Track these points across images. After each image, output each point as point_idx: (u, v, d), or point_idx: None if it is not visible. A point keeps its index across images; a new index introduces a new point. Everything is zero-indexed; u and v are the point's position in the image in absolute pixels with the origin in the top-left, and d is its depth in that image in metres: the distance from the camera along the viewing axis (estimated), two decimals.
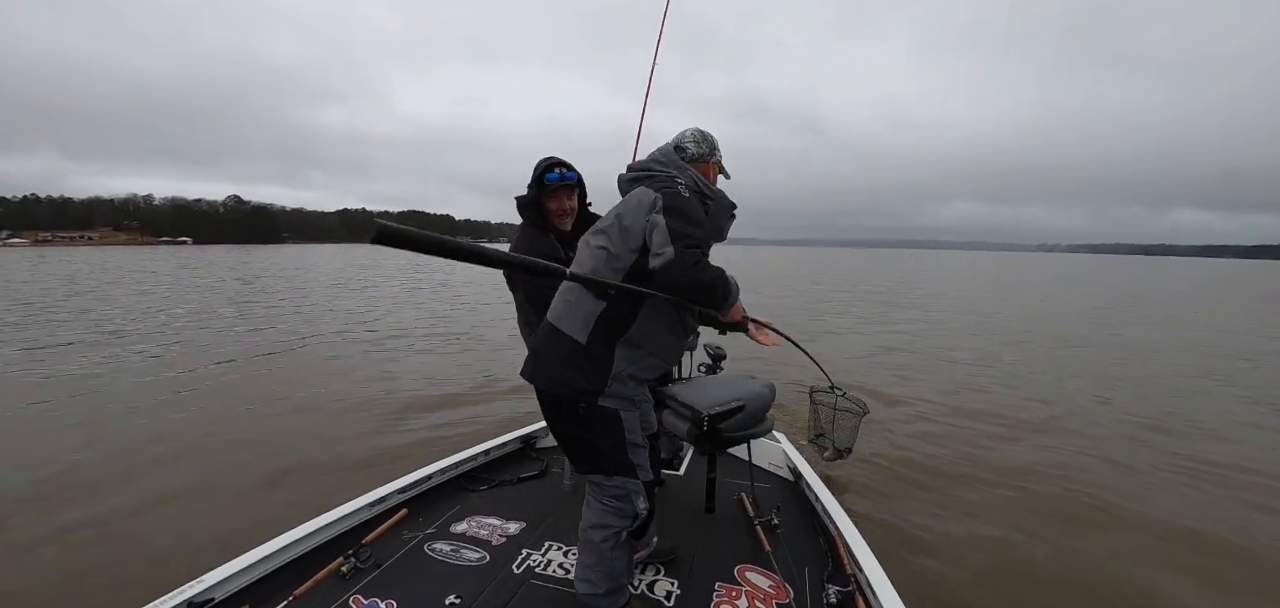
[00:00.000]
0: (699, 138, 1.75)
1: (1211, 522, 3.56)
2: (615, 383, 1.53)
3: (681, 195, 1.54)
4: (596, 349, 1.53)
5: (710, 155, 1.76)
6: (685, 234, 1.46)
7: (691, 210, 1.53)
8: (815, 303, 16.59)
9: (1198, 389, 7.01)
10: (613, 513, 1.61)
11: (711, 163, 1.76)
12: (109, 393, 6.03)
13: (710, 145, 1.76)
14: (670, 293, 1.48)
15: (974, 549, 3.18)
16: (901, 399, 6.17)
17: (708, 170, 1.75)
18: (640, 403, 1.63)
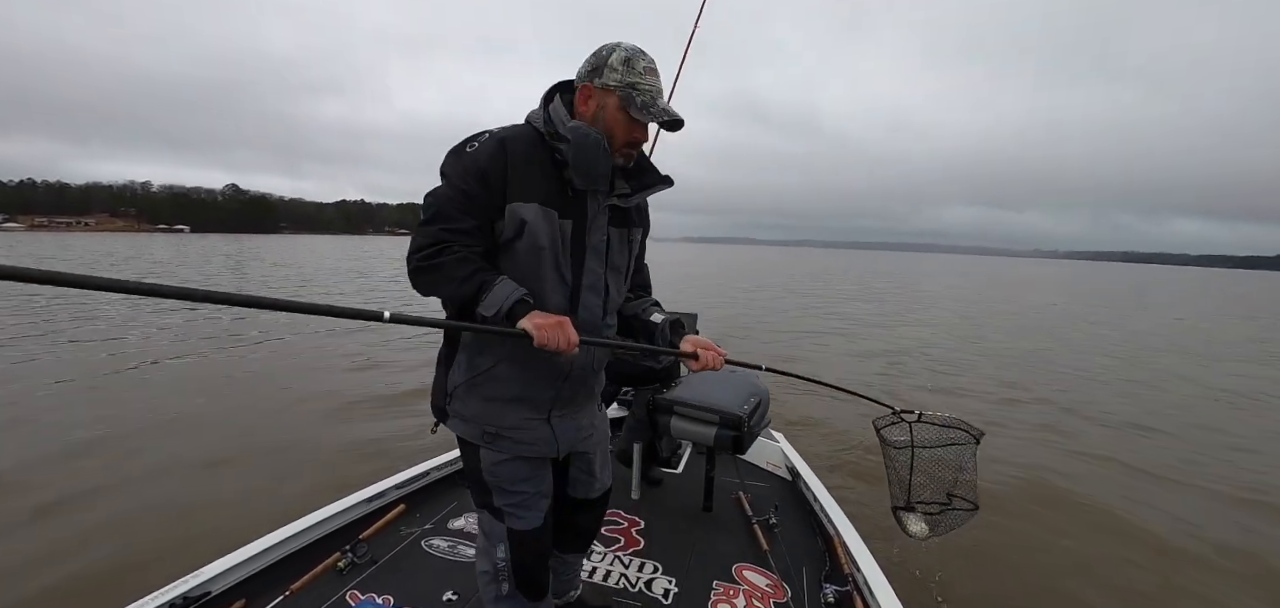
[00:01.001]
0: (586, 60, 1.22)
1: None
2: (455, 402, 1.27)
3: (455, 151, 1.18)
4: (442, 353, 1.31)
5: (589, 75, 1.19)
6: (426, 203, 1.17)
7: (447, 166, 1.17)
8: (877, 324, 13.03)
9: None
10: (482, 550, 1.40)
11: (590, 86, 1.19)
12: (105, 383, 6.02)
13: (593, 62, 1.19)
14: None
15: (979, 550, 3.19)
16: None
17: (584, 100, 1.20)
18: (508, 435, 1.26)
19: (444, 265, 1.11)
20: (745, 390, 2.29)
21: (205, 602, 1.65)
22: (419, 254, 1.13)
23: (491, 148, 1.16)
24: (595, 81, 1.19)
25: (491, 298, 1.10)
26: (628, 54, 1.19)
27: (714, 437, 2.17)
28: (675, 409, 2.27)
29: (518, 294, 1.11)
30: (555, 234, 1.19)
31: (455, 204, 1.14)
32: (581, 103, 1.21)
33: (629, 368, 2.41)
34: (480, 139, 1.18)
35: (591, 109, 1.20)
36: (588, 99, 1.20)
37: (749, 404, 2.21)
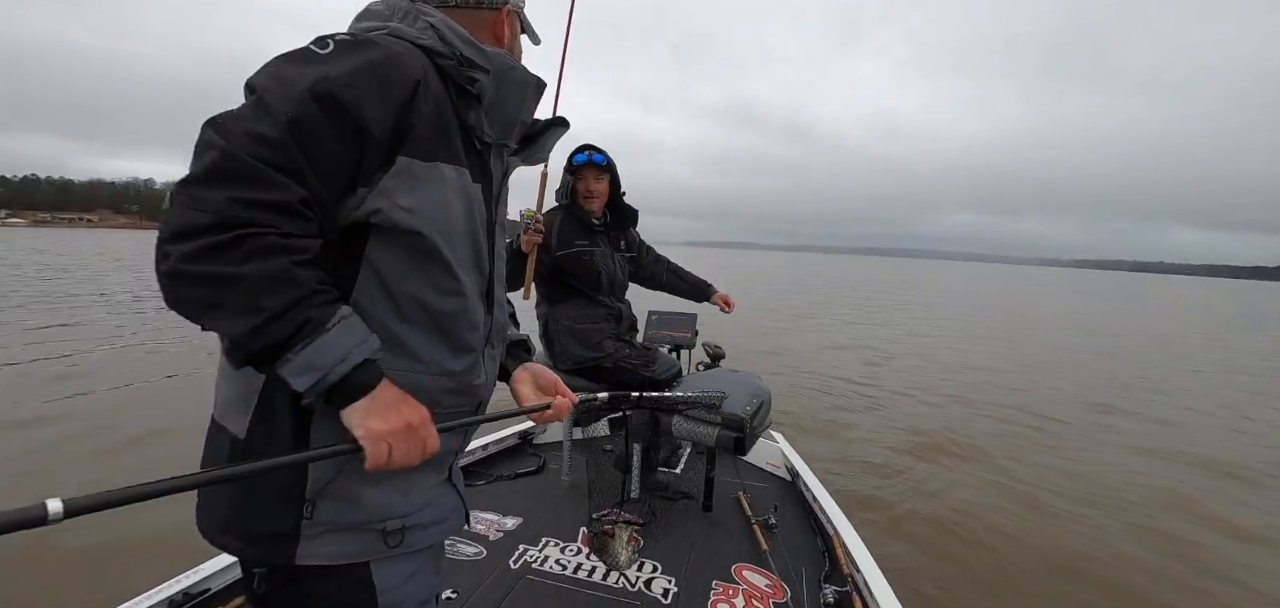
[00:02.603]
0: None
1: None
2: (325, 504, 0.75)
3: (296, 56, 0.71)
4: (253, 423, 0.75)
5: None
6: (205, 141, 0.65)
7: (276, 79, 0.68)
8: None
9: None
10: None
11: (510, 8, 0.92)
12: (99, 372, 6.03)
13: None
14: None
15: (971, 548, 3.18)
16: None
17: (498, 25, 0.91)
18: (417, 523, 0.82)
19: (244, 275, 0.61)
20: (748, 392, 2.28)
21: (204, 598, 1.65)
22: (189, 241, 0.61)
23: (376, 57, 0.72)
24: (515, 3, 0.92)
25: (316, 349, 0.65)
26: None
27: (716, 437, 2.16)
28: (677, 410, 2.26)
29: (364, 352, 0.69)
30: (472, 210, 0.83)
31: (279, 150, 0.65)
32: (493, 29, 0.90)
33: (631, 379, 2.39)
34: (346, 38, 0.74)
35: (506, 38, 0.92)
36: (502, 25, 0.91)
37: (752, 405, 2.20)
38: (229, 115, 0.66)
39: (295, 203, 0.66)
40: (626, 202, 2.50)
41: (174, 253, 0.61)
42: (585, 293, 2.35)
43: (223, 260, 0.61)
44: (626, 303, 2.56)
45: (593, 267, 2.33)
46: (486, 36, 0.88)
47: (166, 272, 0.62)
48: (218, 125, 0.65)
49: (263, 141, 0.64)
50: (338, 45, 0.72)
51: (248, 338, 0.63)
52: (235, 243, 0.61)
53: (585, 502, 2.40)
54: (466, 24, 0.86)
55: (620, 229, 2.52)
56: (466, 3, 0.88)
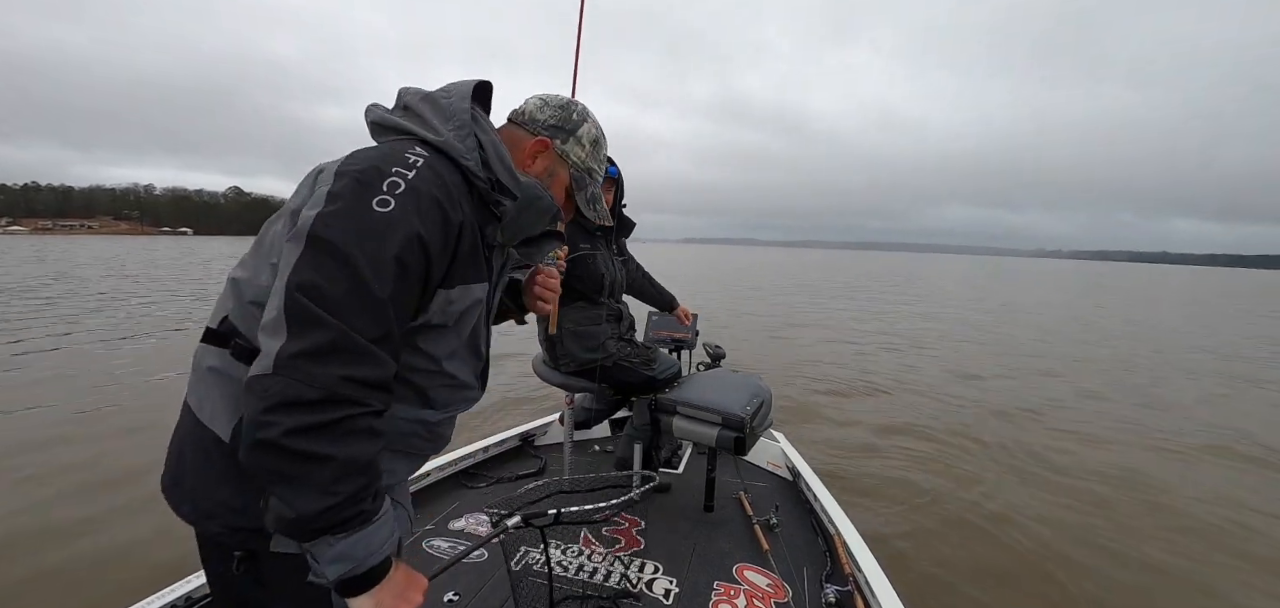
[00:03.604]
0: (547, 105, 1.00)
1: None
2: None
3: (360, 207, 0.73)
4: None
5: (554, 131, 0.97)
6: (310, 315, 0.67)
7: (351, 235, 0.71)
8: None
9: None
10: None
11: (549, 142, 0.97)
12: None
13: (561, 117, 0.98)
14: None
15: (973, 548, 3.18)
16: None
17: (534, 155, 0.97)
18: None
19: (335, 457, 0.67)
20: (748, 392, 2.29)
21: (208, 602, 1.65)
22: (297, 415, 0.65)
23: (436, 218, 0.77)
24: (560, 143, 0.98)
25: (357, 541, 0.71)
26: (598, 133, 1.02)
27: (716, 437, 2.17)
28: (678, 410, 2.27)
29: (390, 547, 0.77)
30: (480, 309, 0.91)
31: (380, 324, 0.71)
32: (530, 156, 0.96)
33: (632, 378, 2.41)
34: (406, 191, 0.75)
35: (541, 169, 0.97)
36: (540, 156, 0.97)
37: (752, 405, 2.21)
38: (325, 285, 0.69)
39: (390, 377, 0.74)
40: (626, 211, 2.55)
41: (280, 424, 0.65)
42: (587, 296, 2.37)
43: (323, 439, 0.66)
44: (625, 304, 2.58)
45: (596, 270, 2.36)
46: (525, 158, 0.96)
47: (268, 441, 0.65)
48: (318, 295, 0.68)
49: (366, 317, 0.70)
50: (401, 200, 0.75)
51: (312, 517, 0.68)
52: (341, 423, 0.67)
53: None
54: (511, 142, 0.95)
55: (617, 234, 2.55)
56: (526, 125, 0.98)
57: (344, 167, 0.78)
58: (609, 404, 2.88)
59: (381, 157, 0.79)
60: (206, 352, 0.84)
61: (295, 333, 0.67)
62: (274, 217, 0.87)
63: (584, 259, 2.34)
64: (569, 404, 2.60)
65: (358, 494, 0.70)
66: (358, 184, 0.75)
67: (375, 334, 0.71)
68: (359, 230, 0.71)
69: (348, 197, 0.73)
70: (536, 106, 0.99)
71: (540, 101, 1.00)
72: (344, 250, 0.70)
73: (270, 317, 0.69)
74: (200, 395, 0.84)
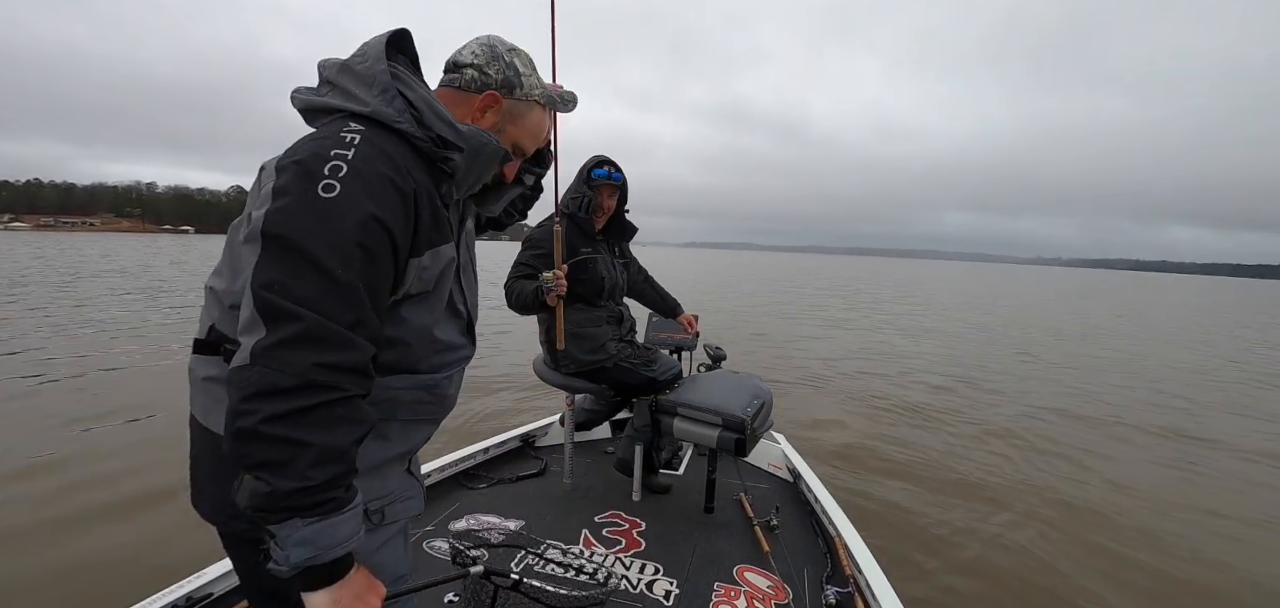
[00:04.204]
0: (481, 54, 0.95)
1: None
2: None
3: (312, 199, 0.72)
4: None
5: (503, 87, 0.94)
6: (280, 309, 0.68)
7: (310, 229, 0.70)
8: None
9: None
10: None
11: (495, 96, 0.94)
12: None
13: (497, 69, 0.94)
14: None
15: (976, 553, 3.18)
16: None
17: (480, 111, 0.93)
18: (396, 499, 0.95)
19: (314, 443, 0.68)
20: (748, 393, 2.29)
21: (208, 603, 1.65)
22: (274, 402, 0.66)
23: (387, 193, 0.76)
24: (515, 93, 0.95)
25: (324, 528, 0.71)
26: (528, 57, 0.99)
27: (717, 439, 2.17)
28: (678, 411, 2.27)
29: (354, 543, 0.75)
30: (453, 269, 0.92)
31: (352, 308, 0.71)
32: (479, 111, 0.93)
33: (632, 379, 2.41)
34: (348, 172, 0.74)
35: (489, 124, 0.95)
36: (489, 110, 0.94)
37: (752, 407, 2.21)
38: (289, 279, 0.69)
39: (367, 362, 0.74)
40: (628, 217, 2.57)
41: (259, 412, 0.66)
42: (586, 298, 2.37)
43: (303, 425, 0.67)
44: (625, 306, 2.58)
45: (596, 273, 2.37)
46: (467, 114, 0.93)
47: (247, 429, 0.66)
48: (284, 289, 0.69)
49: (336, 303, 0.70)
50: (346, 182, 0.74)
51: (285, 495, 0.68)
52: (317, 409, 0.68)
53: (587, 504, 2.41)
54: (450, 102, 0.92)
55: (618, 238, 2.56)
56: (454, 83, 0.94)
57: (283, 160, 0.77)
58: (610, 405, 2.88)
59: (317, 142, 0.78)
60: (200, 362, 0.86)
61: (269, 327, 0.68)
62: (238, 220, 0.87)
63: (584, 263, 2.35)
64: (570, 406, 2.60)
65: (332, 480, 0.70)
66: (300, 175, 0.74)
67: (348, 320, 0.71)
68: (310, 220, 0.71)
69: (293, 189, 0.73)
70: (483, 62, 0.94)
71: (485, 56, 0.95)
72: (299, 243, 0.70)
73: (245, 317, 0.70)
74: (204, 405, 0.86)
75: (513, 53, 0.97)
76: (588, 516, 2.33)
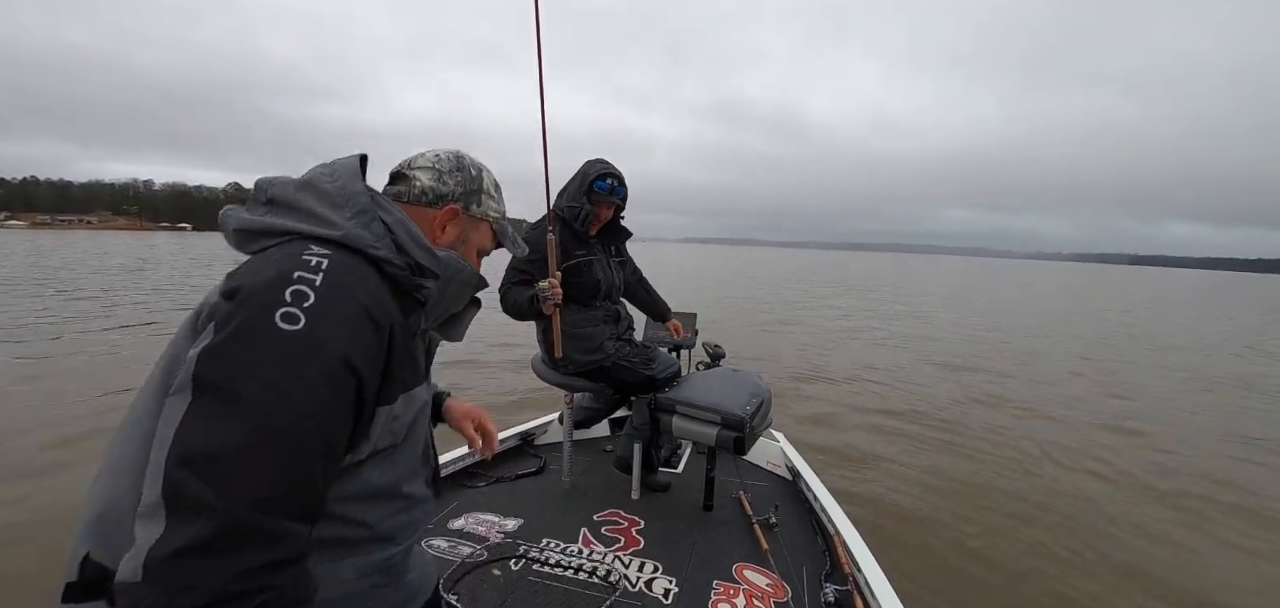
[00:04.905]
0: (444, 163, 0.91)
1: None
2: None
3: (270, 336, 0.59)
4: None
5: (463, 198, 0.90)
6: (194, 497, 0.53)
7: (259, 379, 0.57)
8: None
9: None
10: None
11: (458, 209, 0.89)
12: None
13: (461, 181, 0.90)
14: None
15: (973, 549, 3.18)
16: None
17: (442, 226, 0.88)
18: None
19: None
20: (747, 391, 2.29)
21: None
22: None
23: (364, 329, 0.65)
24: (471, 208, 0.91)
25: None
26: (494, 177, 0.96)
27: (716, 437, 2.17)
28: (677, 409, 2.27)
29: None
30: (424, 411, 0.84)
31: (301, 491, 0.58)
32: (439, 227, 0.88)
33: (631, 377, 2.41)
34: (317, 301, 0.62)
35: (452, 238, 0.89)
36: (450, 225, 0.89)
37: (752, 405, 2.21)
38: (216, 446, 0.54)
39: (304, 546, 0.58)
40: (624, 223, 2.59)
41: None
42: (581, 299, 2.38)
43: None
44: (623, 304, 2.59)
45: (592, 275, 2.39)
46: (434, 231, 0.88)
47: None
48: (207, 463, 0.53)
49: (278, 487, 0.55)
50: (313, 313, 0.61)
51: None
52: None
53: (586, 502, 2.41)
54: (419, 221, 0.85)
55: (613, 238, 2.58)
56: (421, 199, 0.87)
57: (231, 285, 0.63)
58: (608, 404, 2.88)
59: (276, 264, 0.64)
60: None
61: (174, 522, 0.52)
62: (149, 379, 0.67)
63: (579, 267, 2.36)
64: (568, 404, 2.60)
65: None
66: (253, 302, 0.60)
67: (289, 504, 0.56)
68: (262, 360, 0.57)
69: (242, 320, 0.58)
70: (435, 178, 0.89)
71: (435, 172, 0.89)
72: (240, 390, 0.55)
73: (148, 500, 0.54)
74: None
75: (480, 169, 0.94)
76: (587, 514, 2.33)
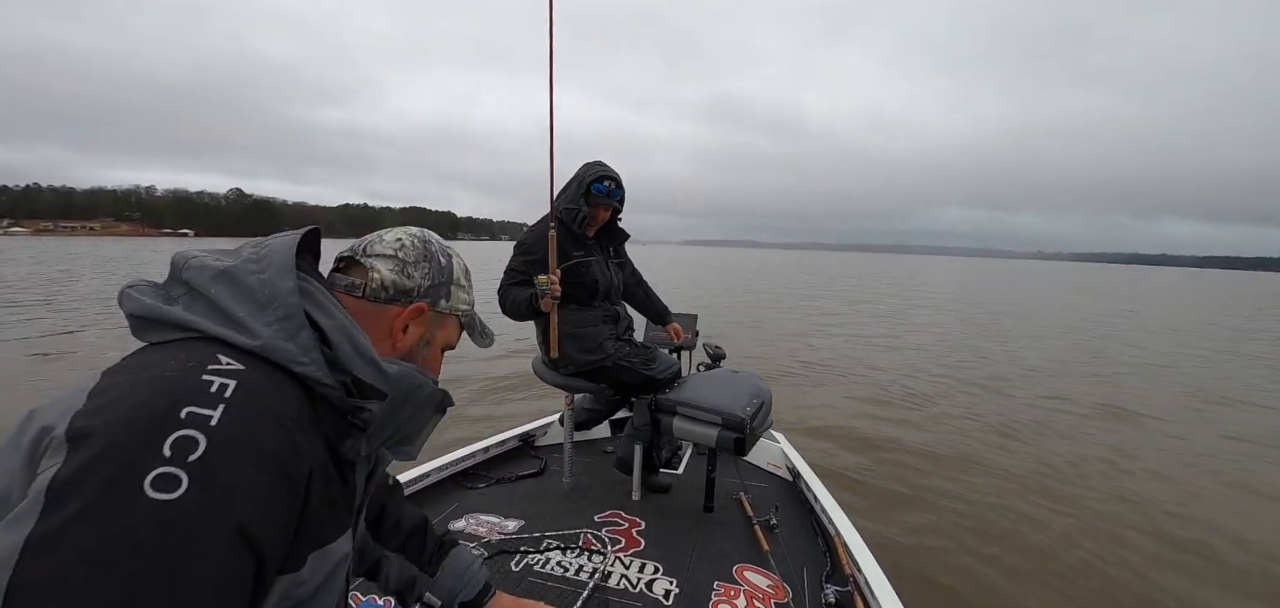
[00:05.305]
0: (409, 251, 0.76)
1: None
2: None
3: (163, 427, 0.46)
4: None
5: (429, 293, 0.77)
6: None
7: (121, 575, 0.40)
8: None
9: None
10: None
11: (424, 307, 0.76)
12: None
13: (428, 271, 0.77)
14: None
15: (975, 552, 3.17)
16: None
17: (404, 325, 0.74)
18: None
19: None
20: (748, 392, 2.29)
21: None
22: None
23: (269, 480, 0.50)
24: (439, 304, 0.77)
25: None
26: (464, 263, 0.83)
27: (716, 438, 2.17)
28: (677, 410, 2.27)
29: None
30: (341, 568, 0.67)
31: None
32: (400, 328, 0.73)
33: (631, 378, 2.42)
34: (208, 452, 0.46)
35: (412, 340, 0.75)
36: (413, 323, 0.74)
37: (752, 406, 2.21)
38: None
39: None
40: (620, 225, 2.59)
41: None
42: (579, 300, 2.39)
43: None
44: (622, 305, 2.59)
45: (590, 275, 2.40)
46: (382, 334, 0.72)
47: None
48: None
49: None
50: (201, 472, 0.45)
51: None
52: None
53: (586, 503, 2.41)
54: (358, 316, 0.69)
55: (611, 240, 2.59)
56: (379, 295, 0.72)
57: (83, 421, 0.45)
58: (609, 405, 2.88)
59: (157, 391, 0.48)
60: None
61: None
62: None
63: (578, 268, 2.37)
64: (569, 405, 2.60)
65: None
66: (114, 459, 0.43)
67: None
68: (118, 559, 0.40)
69: (91, 488, 0.41)
70: (397, 269, 0.74)
71: (398, 262, 0.74)
72: (82, 601, 0.39)
73: None
74: None
75: (450, 255, 0.81)
76: (587, 515, 2.33)
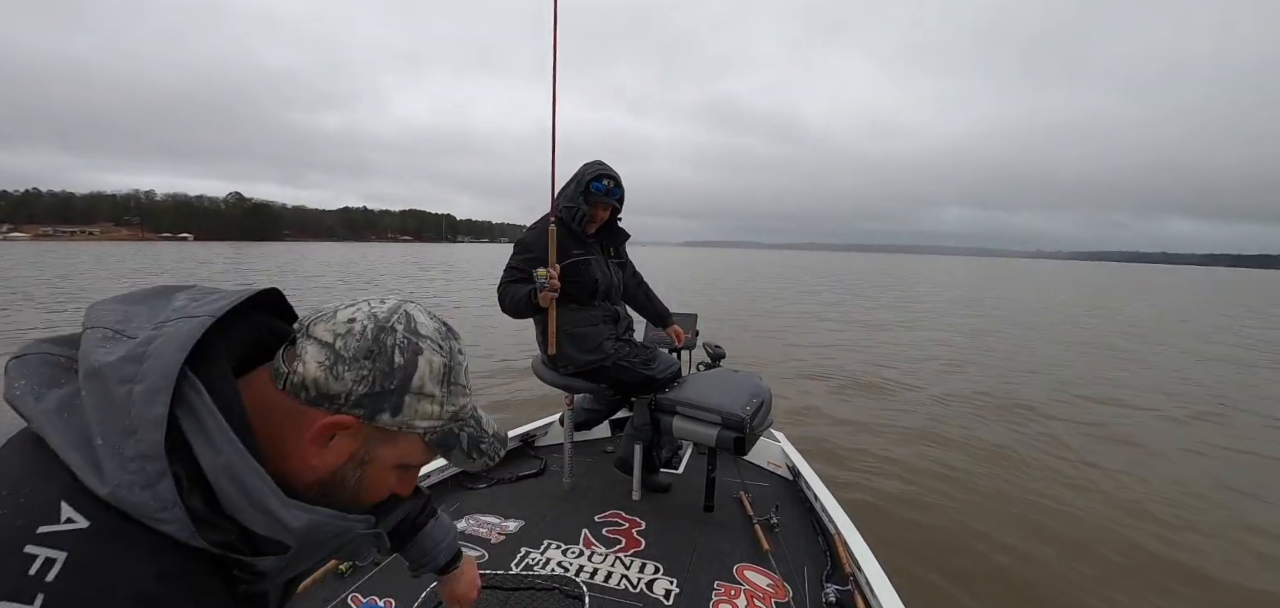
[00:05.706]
0: (351, 341, 0.55)
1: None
2: None
3: None
4: None
5: (368, 403, 0.55)
6: None
7: None
8: None
9: None
10: None
11: (356, 421, 0.55)
12: None
13: (371, 373, 0.55)
14: None
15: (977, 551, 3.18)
16: None
17: (324, 438, 0.55)
18: None
19: None
20: (747, 392, 2.29)
21: None
22: None
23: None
24: (380, 417, 0.56)
25: None
26: (445, 358, 0.60)
27: (716, 438, 2.17)
28: (677, 410, 2.27)
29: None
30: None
31: None
32: (311, 443, 0.55)
33: (631, 377, 2.42)
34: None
35: (335, 460, 0.57)
36: (335, 440, 0.56)
37: (752, 405, 2.21)
38: None
39: None
40: (620, 225, 2.58)
41: None
42: (579, 299, 2.39)
43: None
44: (622, 305, 2.59)
45: (590, 274, 2.39)
46: (303, 446, 0.55)
47: None
48: None
49: None
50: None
51: None
52: None
53: (587, 504, 2.41)
54: (288, 426, 0.55)
55: (611, 240, 2.58)
56: (299, 394, 0.54)
57: None
58: (609, 405, 2.88)
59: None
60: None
61: None
62: None
63: (577, 266, 2.36)
64: (569, 405, 2.60)
65: None
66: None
67: None
68: None
69: None
70: (326, 365, 0.54)
71: (331, 353, 0.54)
72: None
73: None
74: None
75: (416, 350, 0.57)
76: (588, 515, 2.33)
